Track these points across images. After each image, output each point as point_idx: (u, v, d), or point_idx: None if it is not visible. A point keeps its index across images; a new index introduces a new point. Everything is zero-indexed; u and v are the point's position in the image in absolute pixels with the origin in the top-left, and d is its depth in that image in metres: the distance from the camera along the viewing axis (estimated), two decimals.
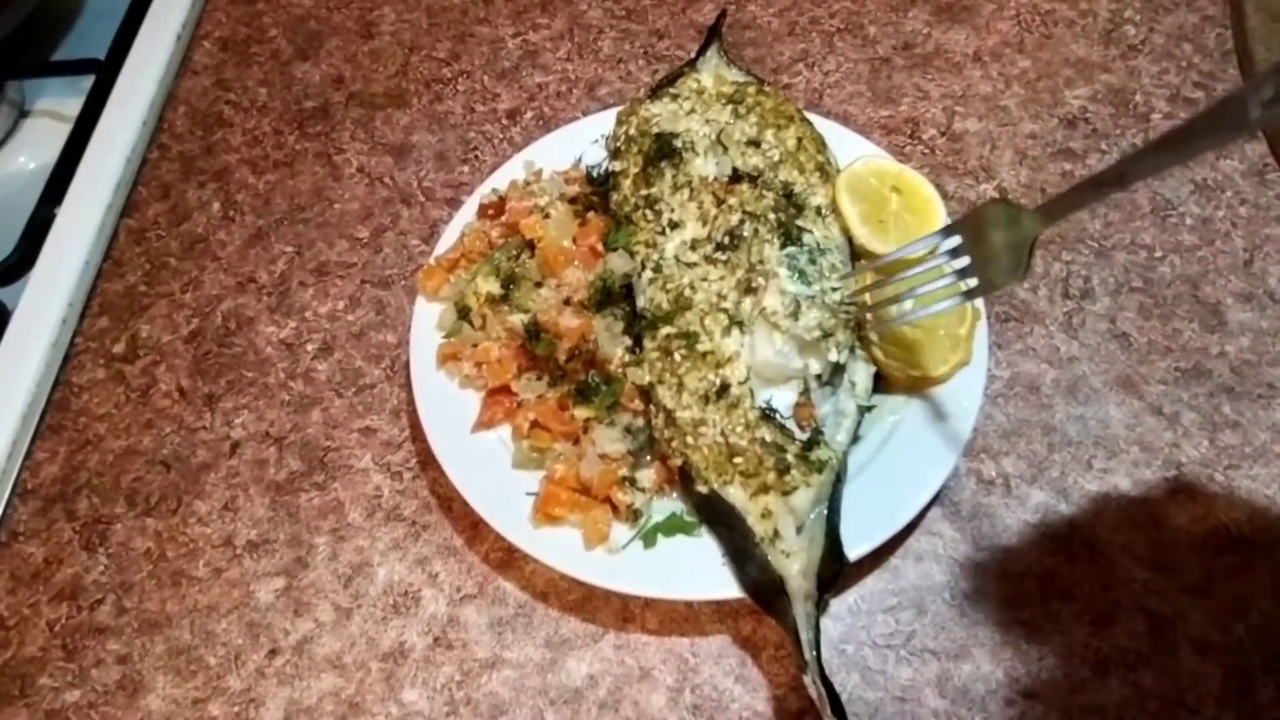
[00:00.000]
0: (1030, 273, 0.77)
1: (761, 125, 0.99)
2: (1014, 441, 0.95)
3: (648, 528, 0.83)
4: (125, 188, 1.22)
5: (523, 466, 0.88)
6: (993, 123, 1.20)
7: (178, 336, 1.09)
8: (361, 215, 1.17)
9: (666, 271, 0.92)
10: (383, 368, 1.05)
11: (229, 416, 1.02)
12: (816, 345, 0.86)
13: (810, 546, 0.76)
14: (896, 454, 0.86)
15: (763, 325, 0.88)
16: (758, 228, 0.91)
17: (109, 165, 1.22)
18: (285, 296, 1.11)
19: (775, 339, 0.88)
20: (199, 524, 0.95)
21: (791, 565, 0.76)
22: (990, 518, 0.90)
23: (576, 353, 0.88)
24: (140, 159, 1.24)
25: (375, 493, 0.96)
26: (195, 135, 1.27)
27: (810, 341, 0.86)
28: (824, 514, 0.78)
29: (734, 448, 0.81)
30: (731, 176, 0.96)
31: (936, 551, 0.88)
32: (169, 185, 1.22)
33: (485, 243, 0.99)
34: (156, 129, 1.27)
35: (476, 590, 0.89)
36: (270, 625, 0.89)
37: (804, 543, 0.77)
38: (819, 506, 0.79)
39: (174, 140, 1.27)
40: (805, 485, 0.78)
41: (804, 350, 0.86)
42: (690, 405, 0.84)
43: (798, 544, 0.76)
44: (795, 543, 0.76)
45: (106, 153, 1.23)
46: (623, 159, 1.01)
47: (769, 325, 0.88)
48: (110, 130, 1.25)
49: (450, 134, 1.23)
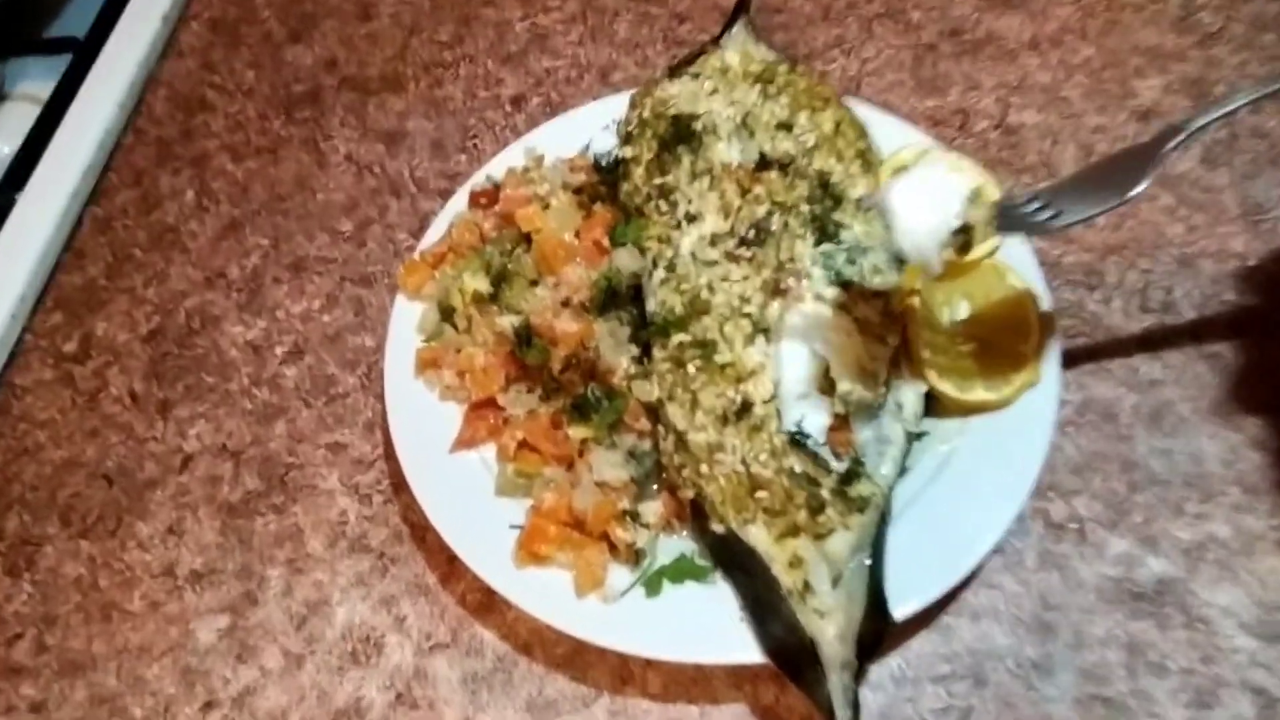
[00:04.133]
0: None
1: (794, 107, 0.87)
2: (1088, 478, 0.80)
3: (651, 572, 0.70)
4: (94, 173, 1.12)
5: (507, 493, 0.75)
6: (1053, 115, 1.07)
7: (135, 335, 0.98)
8: (346, 207, 1.06)
9: (681, 270, 0.79)
10: (358, 375, 0.93)
11: (183, 426, 0.91)
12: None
13: (849, 603, 0.62)
14: (950, 491, 0.72)
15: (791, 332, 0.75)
16: (788, 220, 0.78)
17: (79, 149, 1.13)
18: (256, 294, 1.00)
19: (805, 349, 0.75)
20: (139, 549, 0.83)
21: (826, 627, 0.62)
22: (1062, 570, 0.76)
23: (574, 362, 0.76)
24: (114, 143, 1.15)
25: (340, 518, 0.83)
26: (174, 119, 1.17)
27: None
28: (865, 563, 0.64)
29: (757, 479, 0.67)
30: (758, 163, 0.84)
31: (997, 609, 0.74)
32: (142, 171, 1.13)
33: (476, 235, 0.87)
34: (134, 112, 1.18)
35: (449, 638, 0.76)
36: (208, 672, 0.76)
37: (841, 599, 0.63)
38: (859, 554, 0.65)
39: (152, 124, 1.17)
40: (843, 528, 0.65)
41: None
42: (705, 426, 0.70)
43: (833, 600, 0.62)
44: (830, 598, 0.62)
45: (77, 136, 1.14)
46: (635, 144, 0.89)
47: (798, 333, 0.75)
48: (84, 112, 1.16)
49: (448, 121, 1.12)
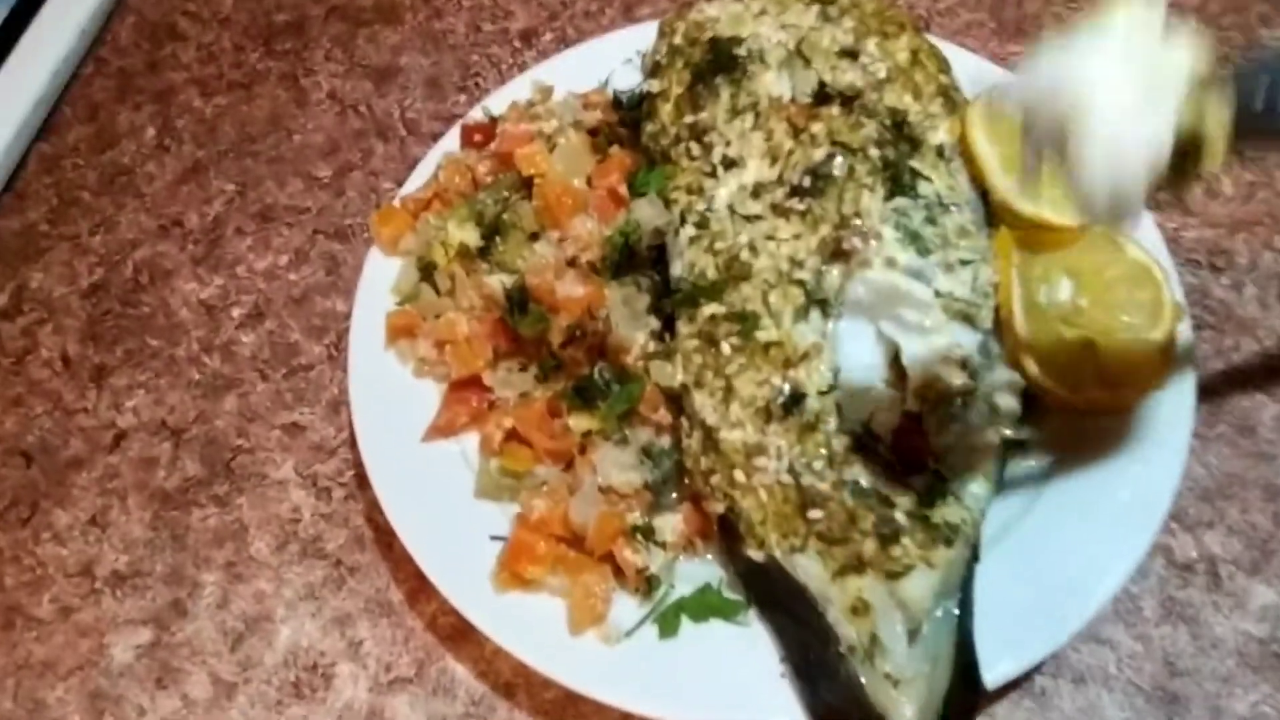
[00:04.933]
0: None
1: (860, 33, 0.71)
2: (1221, 508, 0.64)
3: (667, 606, 0.55)
4: (46, 106, 0.99)
5: (490, 496, 0.61)
6: None
7: (74, 290, 0.85)
8: (325, 150, 0.92)
9: (716, 227, 0.64)
10: (325, 344, 0.79)
11: (119, 397, 0.77)
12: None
13: (932, 669, 0.47)
14: (1054, 517, 0.57)
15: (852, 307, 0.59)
16: (854, 166, 0.63)
17: (31, 79, 0.99)
18: (216, 246, 0.86)
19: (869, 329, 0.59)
20: (54, 541, 0.70)
21: (901, 700, 0.46)
22: (1191, 623, 0.60)
23: (578, 334, 0.61)
24: (70, 73, 1.01)
25: (292, 515, 0.70)
26: (140, 49, 1.04)
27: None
28: (953, 614, 0.49)
29: (809, 493, 0.52)
30: (816, 97, 0.68)
31: (1107, 671, 0.58)
32: (99, 105, 0.99)
33: (467, 179, 0.73)
34: (97, 40, 1.04)
35: (413, 672, 0.62)
36: (121, 698, 0.63)
37: (923, 663, 0.47)
38: (945, 601, 0.49)
39: (115, 54, 1.04)
40: (925, 564, 0.49)
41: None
42: (742, 422, 0.55)
43: (912, 664, 0.47)
44: (908, 661, 0.47)
45: (30, 64, 1.00)
46: (663, 76, 0.74)
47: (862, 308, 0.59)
48: (40, 37, 1.02)
49: (447, 56, 0.97)
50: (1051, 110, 0.40)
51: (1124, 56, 0.40)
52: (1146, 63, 0.40)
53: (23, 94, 0.98)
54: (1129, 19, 0.41)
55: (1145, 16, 0.41)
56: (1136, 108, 0.39)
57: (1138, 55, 0.40)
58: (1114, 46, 0.40)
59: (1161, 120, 0.39)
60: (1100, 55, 0.40)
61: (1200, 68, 0.41)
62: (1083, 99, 0.39)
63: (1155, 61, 0.40)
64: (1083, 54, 0.41)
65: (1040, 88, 0.41)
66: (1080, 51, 0.41)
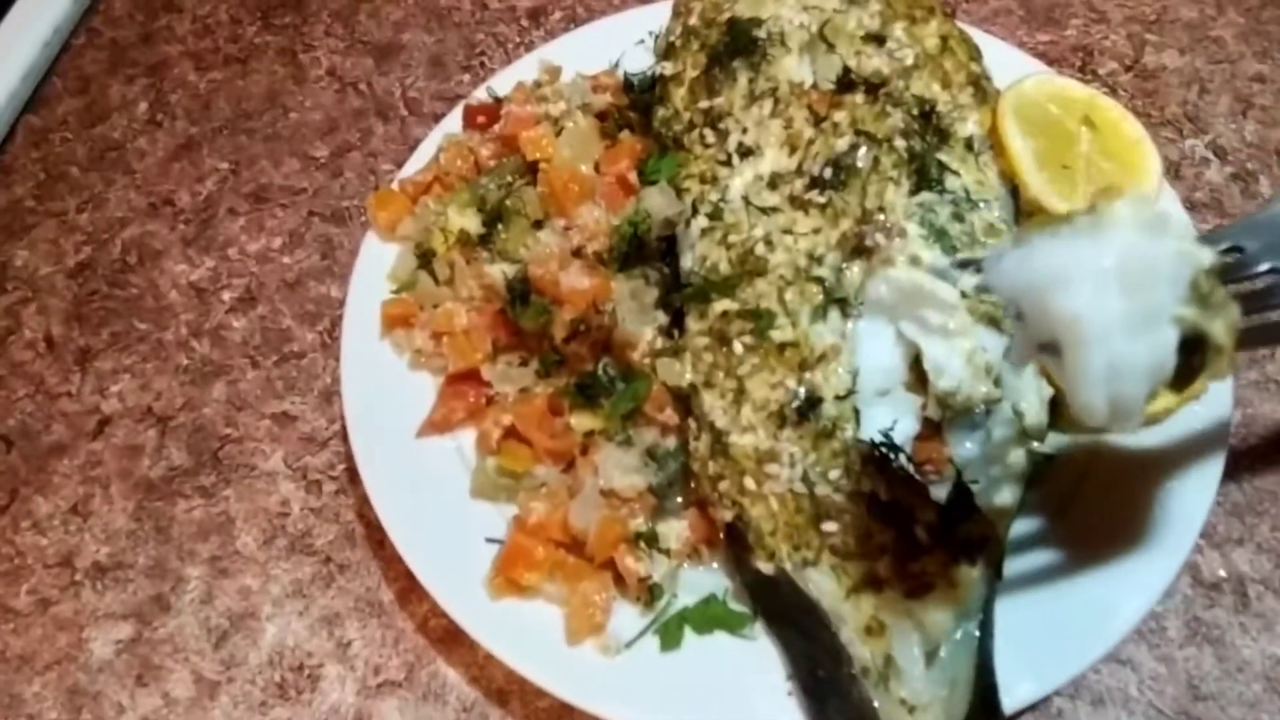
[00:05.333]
0: None
1: (888, 17, 0.67)
2: (1251, 524, 0.61)
3: (669, 616, 0.52)
4: (35, 77, 0.96)
5: (486, 496, 0.58)
6: (1200, 58, 0.87)
7: (60, 269, 0.82)
8: (323, 129, 0.89)
9: (730, 219, 0.61)
10: (318, 331, 0.76)
11: (103, 381, 0.75)
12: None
13: (950, 694, 0.44)
14: (1080, 533, 0.54)
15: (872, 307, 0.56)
16: (878, 157, 0.59)
17: (21, 48, 0.96)
18: (207, 226, 0.83)
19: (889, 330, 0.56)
20: (34, 530, 0.68)
21: None
22: (1217, 645, 0.57)
23: (583, 328, 0.58)
24: (62, 44, 0.98)
25: (281, 509, 0.67)
26: (134, 20, 1.00)
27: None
28: (974, 635, 0.46)
29: (824, 505, 0.49)
30: (839, 83, 0.64)
31: (1127, 693, 0.56)
32: (90, 78, 0.96)
33: (470, 162, 0.69)
34: (90, 9, 1.01)
35: (403, 675, 0.59)
36: (100, 696, 0.60)
37: (941, 688, 0.44)
38: (965, 623, 0.46)
39: (108, 24, 1.00)
40: (946, 584, 0.46)
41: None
42: (754, 426, 0.53)
43: (929, 689, 0.44)
44: (925, 686, 0.44)
45: (21, 32, 0.97)
46: (677, 58, 0.70)
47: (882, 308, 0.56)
48: (31, 9, 0.98)
49: (452, 34, 0.94)
50: (1044, 310, 0.36)
51: (1121, 259, 0.35)
52: (1145, 268, 0.35)
53: (12, 64, 0.94)
54: (1127, 215, 0.36)
55: (1144, 213, 0.37)
56: (1134, 322, 0.35)
57: (1136, 259, 0.35)
58: (1111, 247, 0.36)
59: (1162, 334, 0.35)
60: (1096, 257, 0.35)
61: (1205, 265, 0.37)
62: (1078, 310, 0.35)
63: (1155, 266, 0.35)
64: (1078, 253, 0.36)
65: (1032, 283, 0.37)
66: (1075, 249, 0.36)
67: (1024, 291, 0.36)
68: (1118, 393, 0.35)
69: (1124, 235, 0.35)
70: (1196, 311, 0.36)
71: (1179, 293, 0.36)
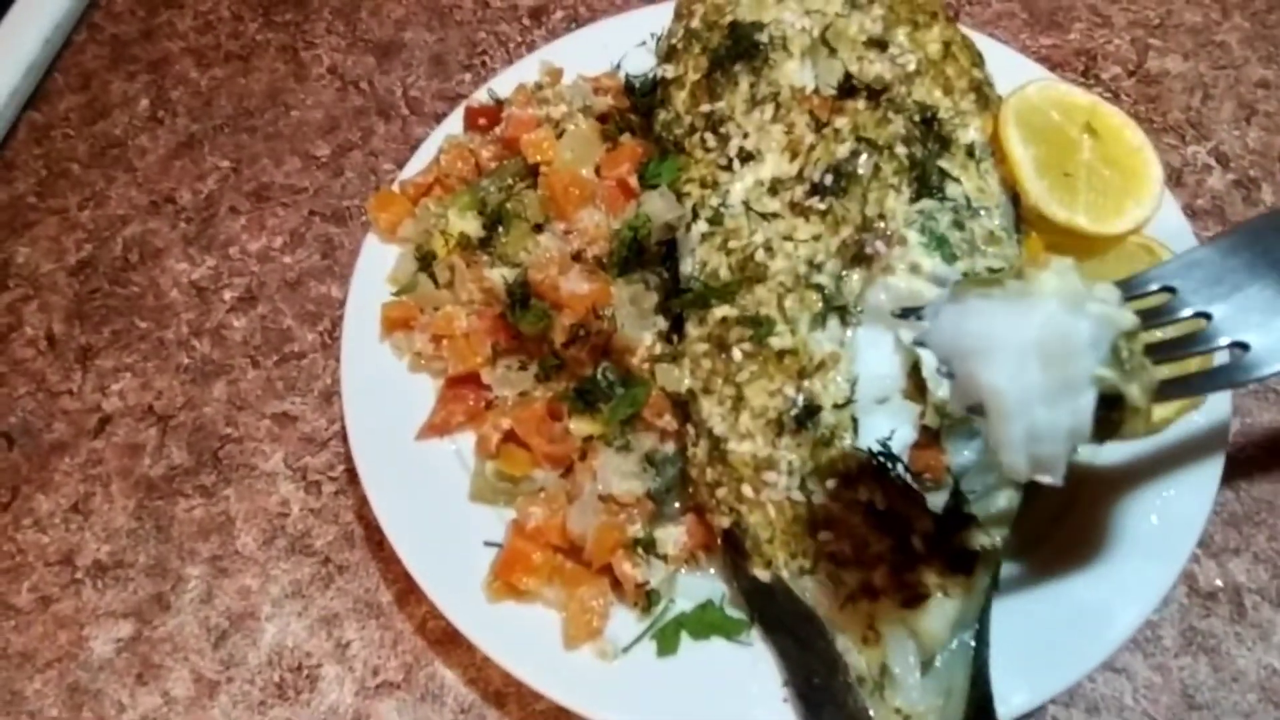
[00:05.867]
0: None
1: (890, 21, 0.67)
2: (1249, 534, 0.61)
3: (666, 621, 0.53)
4: (38, 72, 0.96)
5: (485, 500, 0.58)
6: (1204, 63, 0.86)
7: (62, 266, 0.82)
8: (324, 127, 0.89)
9: (730, 224, 0.61)
10: (319, 331, 0.76)
11: (104, 380, 0.75)
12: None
13: (946, 703, 0.45)
14: (1076, 543, 0.54)
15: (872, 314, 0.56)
16: (879, 164, 0.59)
17: (23, 43, 0.96)
18: (209, 225, 0.83)
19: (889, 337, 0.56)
20: (35, 528, 0.68)
21: None
22: (1212, 655, 0.57)
23: (582, 333, 0.58)
24: (63, 39, 0.98)
25: (280, 509, 0.67)
26: (135, 15, 1.00)
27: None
28: (970, 645, 0.46)
29: (820, 513, 0.49)
30: (841, 89, 0.64)
31: (1122, 701, 0.56)
32: (92, 74, 0.95)
33: (471, 165, 0.69)
34: (92, 4, 1.01)
35: (401, 677, 0.60)
36: (100, 694, 0.61)
37: (936, 697, 0.45)
38: (962, 632, 0.47)
39: (109, 20, 1.00)
40: (942, 593, 0.46)
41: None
42: (752, 434, 0.53)
43: (925, 698, 0.44)
44: (920, 695, 0.44)
45: (22, 28, 0.97)
46: (679, 61, 0.70)
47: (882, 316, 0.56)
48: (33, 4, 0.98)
49: (454, 33, 0.94)
50: (970, 377, 0.38)
51: (1042, 333, 0.37)
52: (1064, 341, 0.37)
53: (14, 59, 0.94)
54: (1051, 286, 0.38)
55: (1069, 284, 0.38)
56: (1053, 392, 0.36)
57: (1056, 333, 0.37)
58: (1033, 320, 0.37)
59: (1081, 400, 0.37)
60: (1020, 330, 0.37)
61: (1125, 329, 0.38)
62: (999, 384, 0.37)
63: (1074, 338, 0.37)
64: (1004, 322, 0.38)
65: (961, 349, 0.39)
66: (1002, 317, 0.38)
67: (954, 356, 0.38)
68: (1038, 454, 0.37)
69: (1047, 307, 0.37)
70: (1116, 374, 0.38)
71: (1100, 355, 0.37)
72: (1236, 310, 0.45)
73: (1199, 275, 0.46)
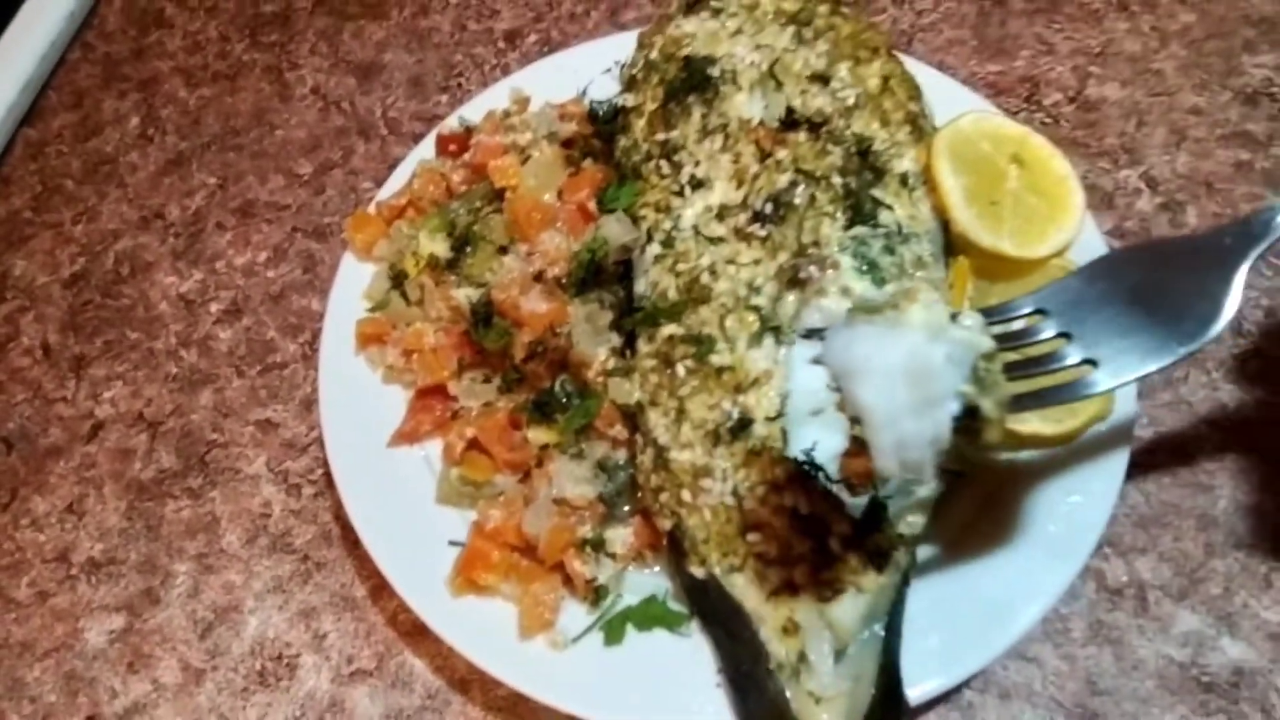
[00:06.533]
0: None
1: (834, 56, 0.71)
2: (1155, 535, 0.66)
3: (613, 614, 0.58)
4: (33, 90, 0.99)
5: (450, 502, 0.63)
6: (1140, 90, 0.91)
7: (56, 279, 0.86)
8: (307, 146, 0.93)
9: (680, 247, 0.66)
10: (300, 343, 0.80)
11: (97, 388, 0.79)
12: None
13: (855, 687, 0.50)
14: (989, 542, 0.59)
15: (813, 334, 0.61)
16: (815, 194, 0.64)
17: (19, 62, 1.00)
18: (196, 240, 0.87)
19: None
20: (32, 527, 0.73)
21: (822, 716, 0.49)
22: (1116, 646, 0.62)
23: (540, 349, 0.63)
24: (58, 58, 1.02)
25: (263, 510, 0.72)
26: (127, 35, 1.04)
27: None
28: (880, 635, 0.51)
29: (750, 516, 0.54)
30: (784, 121, 0.69)
31: (1032, 687, 0.61)
32: (84, 92, 1.00)
33: (441, 188, 0.74)
34: (84, 25, 1.04)
35: (374, 665, 0.64)
36: (94, 681, 0.65)
37: (845, 681, 0.50)
38: (873, 624, 0.52)
39: (102, 39, 1.04)
40: (855, 589, 0.52)
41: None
42: (692, 443, 0.57)
43: (835, 683, 0.50)
44: (832, 680, 0.50)
45: (18, 48, 1.01)
46: (639, 90, 0.75)
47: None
48: (29, 21, 1.02)
49: (431, 55, 0.98)
50: (850, 393, 0.45)
51: (908, 358, 0.44)
52: (926, 365, 0.44)
53: (10, 77, 0.98)
54: (919, 319, 0.45)
55: (934, 317, 0.45)
56: (917, 407, 0.43)
57: (920, 359, 0.44)
58: (901, 347, 0.44)
59: (941, 413, 0.44)
60: (890, 354, 0.44)
61: (983, 351, 0.45)
62: (871, 401, 0.44)
63: (936, 363, 0.44)
64: (878, 346, 0.44)
65: (844, 367, 0.45)
66: (878, 342, 0.44)
67: (841, 374, 0.44)
68: (907, 459, 0.45)
69: (912, 337, 0.42)
70: (974, 390, 0.45)
71: (962, 373, 0.42)
72: (1091, 332, 0.50)
73: (1065, 300, 0.52)
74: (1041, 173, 0.71)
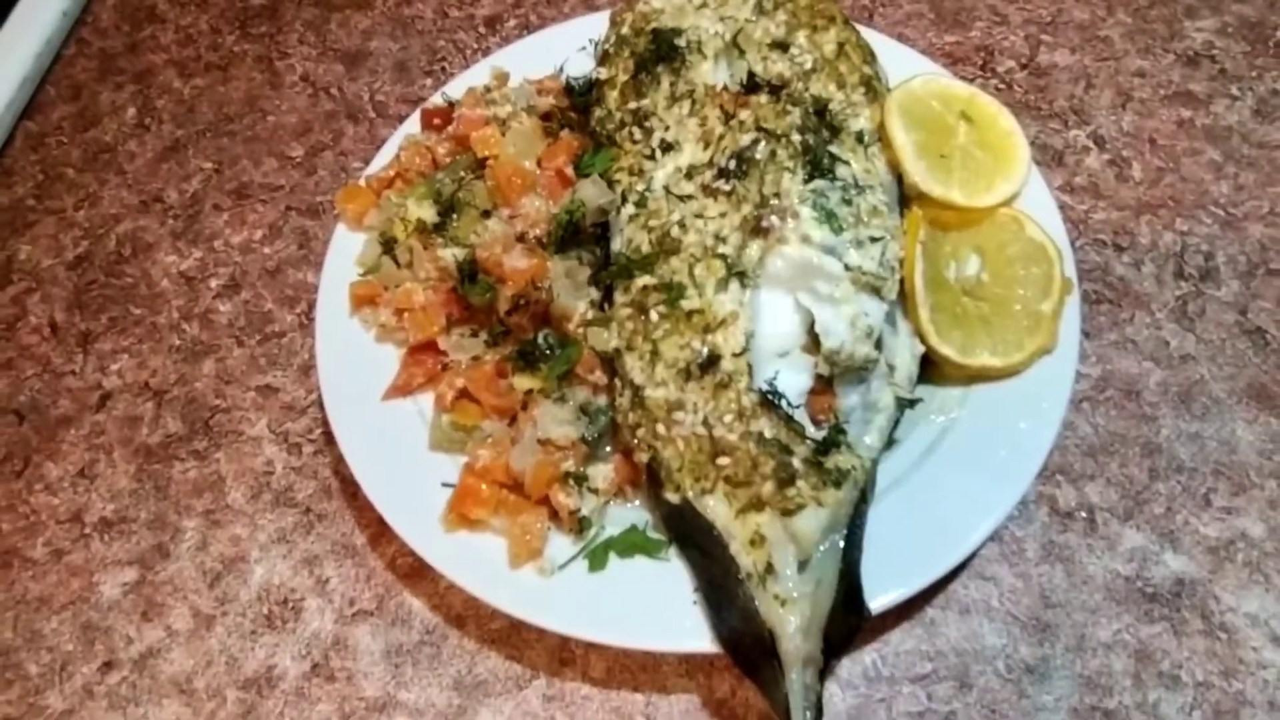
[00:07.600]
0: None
1: (792, 25, 0.76)
2: (1103, 462, 0.71)
3: (597, 543, 0.62)
4: (31, 85, 1.03)
5: (442, 448, 0.67)
6: (1089, 56, 0.96)
7: (61, 261, 0.90)
8: (298, 130, 0.97)
9: (653, 205, 0.70)
10: (297, 313, 0.84)
11: (104, 361, 0.83)
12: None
13: (816, 591, 0.54)
14: (945, 468, 0.64)
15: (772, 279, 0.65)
16: (775, 150, 0.68)
17: (17, 59, 1.04)
18: (194, 221, 0.91)
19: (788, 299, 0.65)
20: (46, 491, 0.76)
21: (787, 618, 0.53)
22: (1067, 563, 0.67)
23: (523, 303, 0.67)
24: (54, 54, 1.06)
25: (265, 468, 0.76)
26: (121, 30, 1.08)
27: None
28: (839, 545, 0.56)
29: (720, 443, 0.59)
30: (747, 86, 0.73)
31: (989, 604, 0.65)
32: (81, 85, 1.03)
33: (427, 160, 0.78)
34: (79, 21, 1.08)
35: (374, 605, 0.68)
36: (110, 630, 0.69)
37: (808, 585, 0.54)
38: (833, 535, 0.56)
39: (96, 35, 1.08)
40: (815, 504, 0.56)
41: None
42: (665, 381, 0.62)
43: (798, 587, 0.54)
44: (795, 585, 0.54)
45: (16, 45, 1.05)
46: (611, 64, 0.79)
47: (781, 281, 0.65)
48: (25, 18, 1.06)
49: (415, 41, 1.02)
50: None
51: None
52: None
53: (9, 74, 1.02)
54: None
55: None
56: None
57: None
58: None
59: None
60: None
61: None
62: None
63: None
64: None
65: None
66: None
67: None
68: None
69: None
70: None
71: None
72: None
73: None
74: (988, 128, 0.76)
